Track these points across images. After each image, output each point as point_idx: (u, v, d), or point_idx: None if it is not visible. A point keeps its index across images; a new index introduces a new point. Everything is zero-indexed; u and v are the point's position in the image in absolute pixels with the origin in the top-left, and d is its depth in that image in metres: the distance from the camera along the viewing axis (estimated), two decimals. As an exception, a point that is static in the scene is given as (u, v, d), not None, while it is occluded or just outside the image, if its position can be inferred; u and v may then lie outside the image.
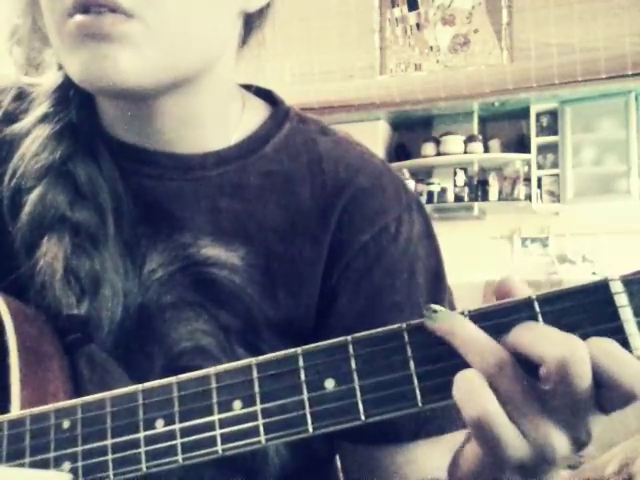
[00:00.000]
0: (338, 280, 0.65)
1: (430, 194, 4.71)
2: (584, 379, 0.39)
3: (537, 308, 0.41)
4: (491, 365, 0.41)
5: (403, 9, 4.72)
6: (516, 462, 0.42)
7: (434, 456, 0.63)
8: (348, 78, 4.72)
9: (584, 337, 0.40)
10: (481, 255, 4.56)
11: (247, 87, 0.73)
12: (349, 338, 0.44)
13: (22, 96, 0.69)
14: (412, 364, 0.43)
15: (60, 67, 0.66)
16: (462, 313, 0.42)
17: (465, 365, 0.42)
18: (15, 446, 0.49)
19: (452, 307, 0.68)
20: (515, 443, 0.41)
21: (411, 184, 4.63)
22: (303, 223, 0.65)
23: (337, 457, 0.76)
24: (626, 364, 0.39)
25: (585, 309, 0.40)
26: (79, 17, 0.54)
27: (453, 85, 4.56)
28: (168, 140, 0.65)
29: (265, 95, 0.74)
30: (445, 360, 0.42)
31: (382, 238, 0.65)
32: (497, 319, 0.42)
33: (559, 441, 0.41)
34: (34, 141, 0.64)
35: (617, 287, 0.39)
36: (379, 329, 0.44)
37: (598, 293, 0.40)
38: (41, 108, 0.66)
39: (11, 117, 0.68)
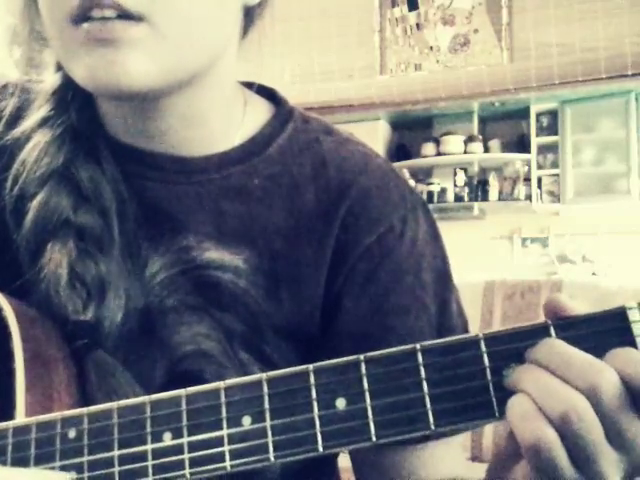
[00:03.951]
0: (343, 283, 0.64)
1: (430, 194, 4.70)
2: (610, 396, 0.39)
3: (553, 334, 0.40)
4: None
5: (403, 9, 4.71)
6: None
7: (446, 457, 0.63)
8: (348, 78, 4.71)
9: None
10: (481, 255, 4.55)
11: (249, 85, 0.72)
12: (361, 357, 0.43)
13: (23, 96, 0.68)
14: (425, 386, 0.42)
15: (59, 67, 0.64)
16: (476, 336, 0.41)
17: (477, 389, 0.41)
18: (20, 454, 0.48)
19: (459, 306, 0.68)
20: (568, 470, 0.41)
21: (411, 184, 4.62)
22: (307, 225, 0.64)
23: (338, 459, 0.75)
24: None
25: (602, 336, 0.39)
26: (86, 25, 0.52)
27: (453, 85, 4.55)
28: (171, 142, 0.64)
29: (268, 94, 0.72)
30: (459, 383, 0.42)
31: (387, 240, 0.64)
32: (512, 343, 0.41)
33: (612, 470, 0.41)
34: (34, 147, 0.63)
35: (635, 315, 0.39)
36: (392, 349, 0.43)
37: (615, 321, 0.39)
38: (40, 112, 0.64)
39: (12, 120, 0.66)
